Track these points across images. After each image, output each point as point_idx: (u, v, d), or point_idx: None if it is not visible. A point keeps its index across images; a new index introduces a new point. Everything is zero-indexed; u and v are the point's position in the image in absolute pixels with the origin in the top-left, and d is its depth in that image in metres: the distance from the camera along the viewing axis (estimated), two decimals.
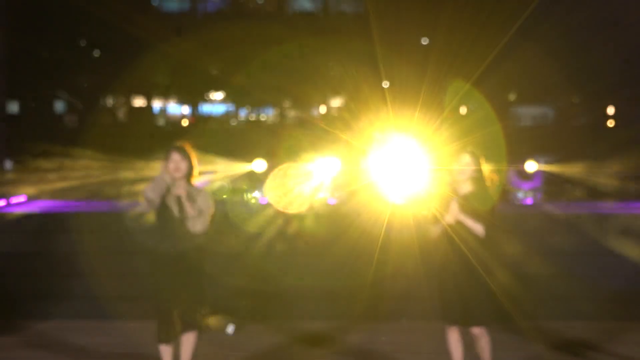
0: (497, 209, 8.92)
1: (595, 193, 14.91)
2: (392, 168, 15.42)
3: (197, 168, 8.98)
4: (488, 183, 9.01)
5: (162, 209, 8.81)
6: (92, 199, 14.69)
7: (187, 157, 8.88)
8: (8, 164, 14.58)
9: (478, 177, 8.87)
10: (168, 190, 8.80)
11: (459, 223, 8.74)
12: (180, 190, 8.73)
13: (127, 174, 15.09)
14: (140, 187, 9.07)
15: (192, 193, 8.87)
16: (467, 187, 8.87)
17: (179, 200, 8.73)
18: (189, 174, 8.90)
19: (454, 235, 8.77)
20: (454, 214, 8.69)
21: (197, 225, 8.80)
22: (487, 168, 9.02)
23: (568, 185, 15.46)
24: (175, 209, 8.77)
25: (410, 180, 14.88)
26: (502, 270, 10.72)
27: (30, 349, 10.86)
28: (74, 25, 74.83)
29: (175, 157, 8.84)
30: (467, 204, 8.78)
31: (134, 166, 15.17)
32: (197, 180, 9.02)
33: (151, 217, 8.90)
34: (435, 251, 9.07)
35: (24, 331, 11.65)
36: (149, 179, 9.01)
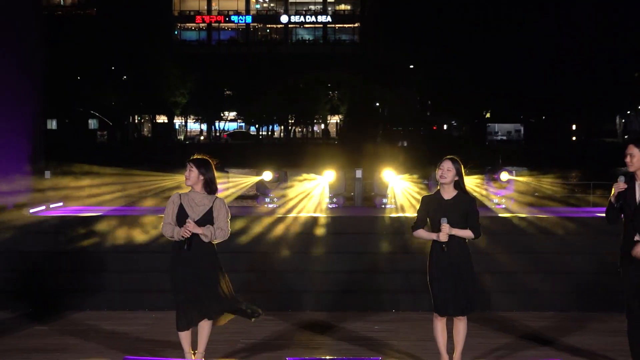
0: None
1: (557, 200, 14.95)
2: (385, 178, 15.44)
3: (211, 178, 8.93)
4: (468, 187, 9.05)
5: (180, 216, 8.81)
6: (119, 205, 14.70)
7: (197, 167, 8.85)
8: (47, 174, 14.57)
9: (461, 181, 8.89)
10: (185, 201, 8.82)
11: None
12: (189, 226, 8.70)
13: (148, 183, 15.10)
14: (159, 197, 9.07)
15: (205, 204, 8.88)
16: (452, 191, 8.88)
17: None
18: (203, 184, 8.87)
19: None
20: (445, 231, 8.70)
21: (218, 238, 8.83)
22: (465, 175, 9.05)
23: (536, 193, 15.46)
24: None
25: (400, 189, 14.88)
26: (479, 266, 10.72)
27: (66, 336, 10.85)
28: (104, 51, 74.95)
29: (187, 166, 8.85)
30: (455, 208, 8.80)
31: (156, 176, 15.18)
32: (213, 190, 8.97)
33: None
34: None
35: (60, 320, 11.63)
36: (168, 190, 9.03)
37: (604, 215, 9.12)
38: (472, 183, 15.01)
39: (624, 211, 8.85)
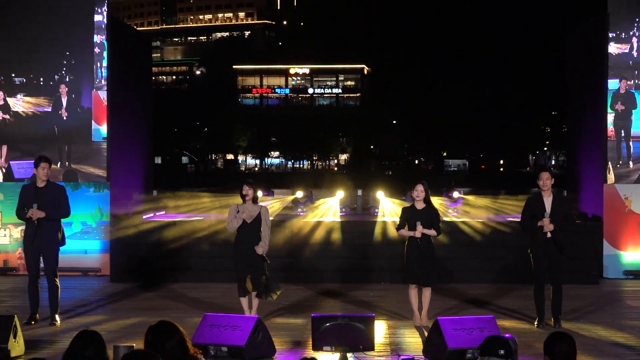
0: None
1: (490, 209, 14.86)
2: (377, 195, 15.37)
3: (257, 196, 9.06)
4: (434, 202, 9.11)
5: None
6: (202, 213, 14.71)
7: (253, 188, 8.94)
8: (154, 192, 14.65)
9: (427, 198, 8.95)
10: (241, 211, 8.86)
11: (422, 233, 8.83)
12: (246, 215, 8.76)
13: (221, 199, 15.11)
14: (227, 208, 9.09)
15: (255, 210, 8.89)
16: (422, 204, 8.93)
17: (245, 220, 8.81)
18: (253, 198, 8.95)
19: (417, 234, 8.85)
20: (419, 230, 8.78)
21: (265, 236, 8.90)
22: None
23: (477, 205, 15.36)
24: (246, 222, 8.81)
25: (387, 203, 14.81)
26: (440, 253, 10.65)
27: (165, 299, 10.87)
28: (192, 112, 74.65)
29: (246, 187, 8.89)
30: (425, 215, 8.85)
31: (224, 194, 15.21)
32: (258, 201, 9.12)
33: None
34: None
35: (161, 289, 11.64)
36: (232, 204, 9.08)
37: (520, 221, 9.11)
38: (433, 198, 14.88)
39: (537, 218, 8.78)
